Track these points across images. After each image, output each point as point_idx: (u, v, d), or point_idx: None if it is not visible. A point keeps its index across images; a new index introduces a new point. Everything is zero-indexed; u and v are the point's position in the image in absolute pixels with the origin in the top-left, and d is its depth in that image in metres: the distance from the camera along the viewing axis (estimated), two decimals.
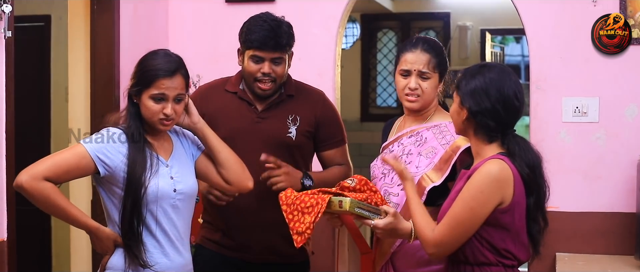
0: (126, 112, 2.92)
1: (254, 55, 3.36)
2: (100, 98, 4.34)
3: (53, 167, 2.76)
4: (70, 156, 2.80)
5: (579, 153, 4.31)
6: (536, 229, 2.73)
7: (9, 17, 3.35)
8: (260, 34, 3.36)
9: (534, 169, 2.70)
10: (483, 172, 2.62)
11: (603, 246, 4.28)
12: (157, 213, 2.87)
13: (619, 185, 4.27)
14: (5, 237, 3.39)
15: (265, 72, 3.37)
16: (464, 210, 2.63)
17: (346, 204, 2.83)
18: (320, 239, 4.36)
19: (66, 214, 2.82)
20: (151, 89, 2.85)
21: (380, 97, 9.09)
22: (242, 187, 3.08)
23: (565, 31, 4.35)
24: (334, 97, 4.60)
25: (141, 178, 2.82)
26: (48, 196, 2.75)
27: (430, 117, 3.16)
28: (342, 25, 4.69)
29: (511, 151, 2.70)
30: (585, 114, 4.32)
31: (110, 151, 2.82)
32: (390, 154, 3.17)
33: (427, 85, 3.13)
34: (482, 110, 2.68)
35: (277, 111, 3.47)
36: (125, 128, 2.89)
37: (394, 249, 3.07)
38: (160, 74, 2.85)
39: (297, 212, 2.89)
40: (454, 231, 2.65)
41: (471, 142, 2.79)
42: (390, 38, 9.00)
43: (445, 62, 3.18)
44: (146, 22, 4.61)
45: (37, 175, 2.73)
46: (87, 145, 2.81)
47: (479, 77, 2.72)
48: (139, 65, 2.92)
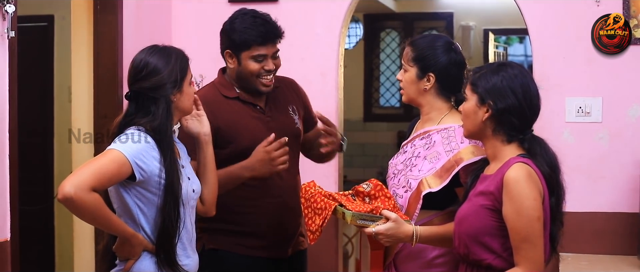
0: (161, 112, 2.81)
1: (257, 54, 3.32)
2: (104, 98, 4.35)
3: (98, 176, 2.63)
4: (111, 163, 2.67)
5: (582, 153, 4.31)
6: (556, 229, 2.71)
7: (12, 17, 3.36)
8: (258, 30, 3.32)
9: (554, 169, 2.69)
10: (519, 179, 2.57)
11: (606, 246, 4.27)
12: (184, 215, 2.86)
13: (622, 185, 4.27)
14: (9, 237, 3.39)
15: (269, 69, 3.36)
16: (531, 223, 2.57)
17: (348, 217, 2.87)
18: (324, 238, 4.35)
19: (109, 224, 2.72)
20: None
21: (383, 97, 9.09)
22: (208, 211, 3.06)
23: (568, 31, 4.34)
24: (337, 97, 4.59)
25: (178, 181, 2.79)
26: (97, 208, 2.64)
27: (443, 119, 3.08)
28: (345, 25, 4.69)
29: (532, 150, 2.67)
30: (588, 114, 4.31)
31: (145, 156, 2.73)
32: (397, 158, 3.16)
33: (405, 76, 3.09)
34: (508, 108, 2.64)
35: (278, 106, 3.48)
36: (158, 128, 2.80)
37: (397, 250, 3.06)
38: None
39: (311, 211, 2.97)
40: (538, 247, 2.59)
41: (487, 144, 2.74)
42: (393, 38, 9.00)
43: (430, 58, 3.04)
44: (149, 22, 4.61)
45: (84, 186, 2.60)
46: (125, 151, 2.69)
47: (501, 74, 2.67)
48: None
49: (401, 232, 2.84)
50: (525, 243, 2.58)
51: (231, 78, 3.46)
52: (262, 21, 3.34)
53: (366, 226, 2.87)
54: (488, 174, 2.72)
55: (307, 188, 3.03)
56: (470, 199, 2.73)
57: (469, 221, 2.69)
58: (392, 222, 2.83)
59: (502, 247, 2.64)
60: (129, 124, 2.81)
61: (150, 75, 2.81)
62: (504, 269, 2.64)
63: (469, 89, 2.74)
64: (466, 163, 2.91)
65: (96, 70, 4.40)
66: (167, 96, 2.81)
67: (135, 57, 2.88)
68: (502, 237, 2.64)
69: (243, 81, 3.40)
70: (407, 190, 3.01)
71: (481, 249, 2.67)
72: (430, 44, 3.07)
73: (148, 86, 2.80)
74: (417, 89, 3.07)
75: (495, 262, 2.65)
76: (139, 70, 2.83)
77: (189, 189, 2.88)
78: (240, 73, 3.39)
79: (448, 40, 3.10)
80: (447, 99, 3.09)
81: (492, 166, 2.72)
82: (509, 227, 2.60)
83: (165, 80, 2.81)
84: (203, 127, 3.02)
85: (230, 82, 3.46)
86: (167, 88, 2.81)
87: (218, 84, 3.48)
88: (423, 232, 2.86)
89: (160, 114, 2.79)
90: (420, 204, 2.95)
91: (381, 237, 2.85)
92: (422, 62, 3.05)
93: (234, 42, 3.35)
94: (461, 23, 8.62)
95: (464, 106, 2.76)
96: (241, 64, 3.36)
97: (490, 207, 2.64)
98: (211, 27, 4.73)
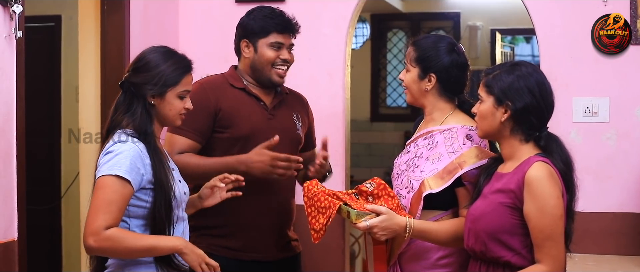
0: (139, 112, 2.81)
1: (275, 42, 3.39)
2: (111, 98, 4.29)
3: (105, 213, 2.65)
4: (110, 193, 2.66)
5: (589, 153, 4.29)
6: (570, 227, 2.73)
7: (20, 17, 3.36)
8: (278, 19, 3.40)
9: (569, 167, 2.70)
10: (542, 179, 2.60)
11: (613, 246, 4.26)
12: (177, 216, 2.86)
13: (630, 185, 4.26)
14: (16, 237, 3.39)
15: (285, 58, 3.42)
16: (554, 222, 2.60)
17: (353, 216, 2.88)
18: (330, 238, 4.35)
19: (142, 249, 2.72)
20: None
21: (390, 97, 9.09)
22: None
23: (575, 31, 4.33)
24: (343, 97, 4.59)
25: (168, 183, 2.79)
26: (120, 243, 2.66)
27: (446, 119, 3.08)
28: (352, 25, 4.69)
29: (549, 148, 2.68)
30: (595, 114, 4.30)
31: (140, 170, 2.73)
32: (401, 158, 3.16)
33: (407, 76, 3.10)
34: (526, 107, 2.65)
35: (284, 108, 3.50)
36: (139, 129, 2.80)
37: (402, 250, 3.06)
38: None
39: (314, 210, 2.96)
40: (560, 245, 2.62)
41: (504, 144, 2.75)
42: (400, 38, 9.00)
43: (432, 58, 3.03)
44: (156, 22, 4.62)
45: (98, 232, 2.63)
46: (116, 170, 2.67)
47: (516, 73, 2.68)
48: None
49: (395, 224, 2.86)
50: (549, 241, 2.60)
51: (243, 72, 3.50)
52: (280, 12, 3.45)
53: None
54: (505, 172, 2.72)
55: (310, 187, 3.02)
56: (487, 196, 2.73)
57: (487, 218, 2.69)
58: (384, 215, 2.85)
59: (521, 245, 2.66)
60: (114, 121, 2.82)
61: (140, 70, 2.84)
62: (522, 266, 2.65)
63: (484, 91, 2.74)
64: (470, 168, 2.91)
65: (103, 70, 4.40)
66: (144, 97, 2.81)
67: (144, 49, 2.93)
68: (522, 235, 2.65)
69: (257, 71, 3.44)
70: (410, 190, 3.01)
71: (500, 246, 2.68)
72: (433, 45, 3.06)
73: (134, 80, 2.83)
74: (419, 89, 3.07)
75: (513, 260, 2.66)
76: (134, 62, 2.88)
77: (181, 192, 2.88)
78: (256, 62, 3.43)
79: (451, 41, 3.10)
80: (450, 100, 3.09)
81: (509, 164, 2.73)
82: (532, 226, 2.61)
83: (148, 80, 2.81)
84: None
85: (240, 76, 3.50)
86: (146, 89, 2.81)
87: (227, 75, 3.53)
88: (417, 225, 2.89)
89: (140, 113, 2.80)
90: (421, 204, 2.96)
91: (376, 231, 2.86)
92: (423, 62, 3.04)
93: (252, 29, 3.42)
94: (468, 23, 8.62)
95: (480, 108, 2.76)
96: (257, 52, 3.41)
97: (510, 205, 2.65)
98: (218, 27, 4.76)
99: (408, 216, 2.92)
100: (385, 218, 2.85)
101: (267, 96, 3.49)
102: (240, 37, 3.49)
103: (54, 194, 5.86)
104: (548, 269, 2.61)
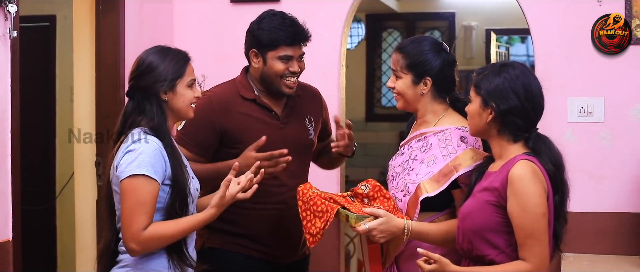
0: (154, 110, 2.85)
1: (284, 55, 3.32)
2: (106, 98, 4.34)
3: (140, 214, 2.71)
4: (142, 194, 2.72)
5: (584, 153, 4.30)
6: (560, 227, 2.73)
7: (14, 17, 3.36)
8: (287, 31, 3.32)
9: (559, 167, 2.70)
10: (524, 176, 2.60)
11: (608, 246, 4.27)
12: (190, 212, 2.88)
13: (625, 185, 4.27)
14: (11, 237, 3.40)
15: (294, 70, 3.35)
16: (536, 219, 2.60)
17: (352, 220, 2.87)
18: (325, 238, 4.35)
19: (185, 230, 2.81)
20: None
21: (385, 97, 9.10)
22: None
23: (570, 31, 4.34)
24: (338, 97, 4.59)
25: (185, 179, 2.84)
26: (163, 236, 2.76)
27: (439, 120, 3.07)
28: (347, 25, 4.69)
29: (537, 149, 2.69)
30: (590, 114, 4.31)
31: (162, 167, 2.78)
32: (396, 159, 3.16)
33: (400, 84, 3.08)
34: (510, 109, 2.66)
35: (296, 114, 3.45)
36: (157, 126, 2.83)
37: (400, 251, 3.06)
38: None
39: (310, 213, 2.95)
40: (543, 243, 2.62)
41: (493, 143, 2.76)
42: (395, 38, 9.01)
43: (425, 63, 3.02)
44: (151, 22, 4.61)
45: (137, 234, 2.71)
46: (140, 170, 2.72)
47: (503, 75, 2.68)
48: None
49: (393, 226, 2.86)
50: (530, 239, 2.61)
51: (253, 78, 3.44)
52: (290, 22, 3.35)
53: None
54: (492, 171, 2.73)
55: (304, 190, 3.00)
56: (475, 195, 2.74)
57: (473, 216, 2.70)
58: (383, 217, 2.85)
59: (505, 243, 2.66)
60: (129, 122, 2.86)
61: (144, 73, 2.86)
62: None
63: (473, 91, 2.75)
64: (465, 170, 2.91)
65: (98, 70, 4.39)
66: (157, 94, 2.85)
67: (139, 55, 2.93)
68: (506, 233, 2.65)
69: (266, 82, 3.38)
70: (406, 194, 3.01)
71: (485, 244, 2.68)
72: (421, 49, 3.04)
73: (142, 84, 2.86)
74: (414, 95, 3.06)
75: (498, 258, 2.67)
76: (136, 68, 2.90)
77: (194, 188, 2.92)
78: (265, 73, 3.37)
79: (435, 41, 3.09)
80: (442, 100, 3.09)
81: (498, 163, 2.74)
82: (514, 224, 2.62)
83: (157, 79, 2.85)
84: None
85: (250, 83, 3.44)
86: (157, 87, 2.85)
87: (238, 83, 3.45)
88: (415, 227, 2.89)
89: (155, 112, 2.84)
90: (418, 208, 2.96)
91: (375, 233, 2.86)
92: (416, 68, 3.03)
93: (261, 41, 3.34)
94: (463, 23, 8.62)
95: (469, 108, 2.78)
96: (266, 64, 3.35)
97: (494, 203, 2.66)
98: (213, 28, 4.76)
99: (406, 218, 2.92)
100: (384, 221, 2.85)
101: (278, 105, 3.44)
102: (250, 46, 3.41)
103: (49, 194, 5.85)
104: (530, 266, 2.61)
